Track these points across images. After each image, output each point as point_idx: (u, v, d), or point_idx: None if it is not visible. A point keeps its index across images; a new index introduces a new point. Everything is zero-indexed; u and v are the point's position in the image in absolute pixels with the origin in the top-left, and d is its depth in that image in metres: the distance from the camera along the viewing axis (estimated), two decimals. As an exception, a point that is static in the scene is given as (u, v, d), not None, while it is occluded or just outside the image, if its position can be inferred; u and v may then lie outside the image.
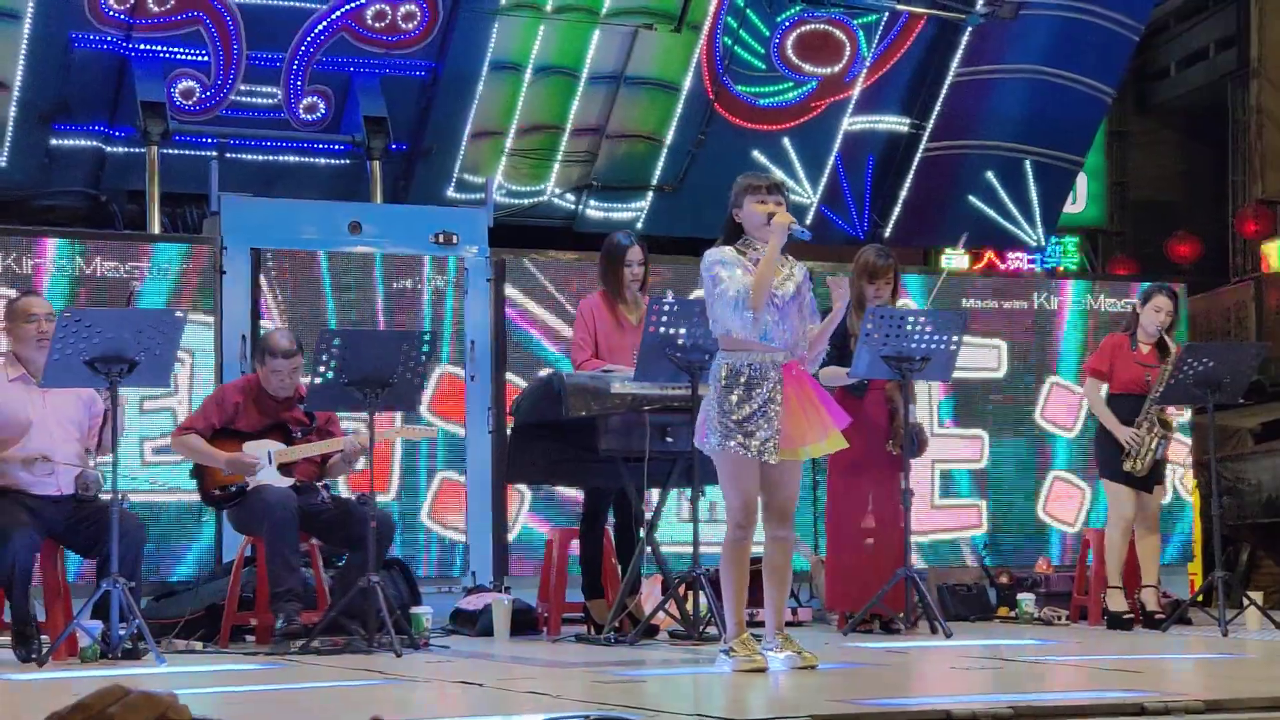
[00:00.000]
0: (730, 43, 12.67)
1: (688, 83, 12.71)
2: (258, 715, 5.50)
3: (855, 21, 12.98)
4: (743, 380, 6.20)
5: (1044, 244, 14.42)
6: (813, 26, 12.88)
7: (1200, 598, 9.19)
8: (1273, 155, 16.14)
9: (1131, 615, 8.75)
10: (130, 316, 7.11)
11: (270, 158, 11.82)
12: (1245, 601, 8.68)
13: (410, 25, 11.92)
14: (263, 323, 9.12)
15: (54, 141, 11.60)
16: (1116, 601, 8.76)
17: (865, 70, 13.09)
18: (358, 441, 7.83)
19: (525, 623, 8.45)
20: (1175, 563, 10.62)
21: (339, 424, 8.10)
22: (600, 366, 7.92)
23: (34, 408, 7.25)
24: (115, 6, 11.25)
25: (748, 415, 6.18)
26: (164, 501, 8.94)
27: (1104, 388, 8.96)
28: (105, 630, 6.90)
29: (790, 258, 6.40)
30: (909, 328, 7.99)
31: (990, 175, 13.76)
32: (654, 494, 7.99)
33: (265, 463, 7.77)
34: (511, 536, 9.57)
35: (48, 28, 11.17)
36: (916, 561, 9.05)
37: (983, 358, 10.54)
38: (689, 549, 7.64)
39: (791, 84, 12.99)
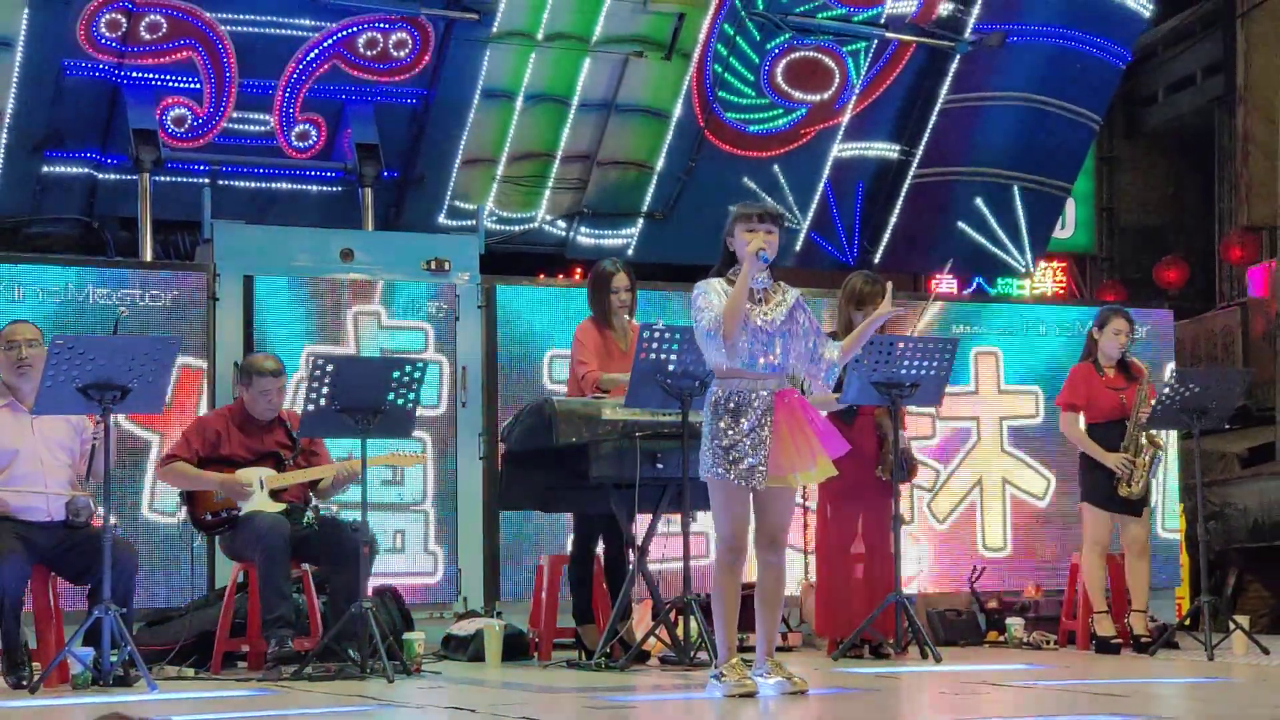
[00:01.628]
0: (720, 70, 12.74)
1: (678, 110, 12.77)
2: (250, 741, 5.51)
3: (844, 49, 13.05)
4: (730, 407, 6.26)
5: (1032, 270, 14.47)
6: (802, 54, 12.96)
7: (1188, 622, 9.22)
8: (1258, 182, 16.21)
9: (1119, 640, 8.79)
10: (123, 343, 7.11)
11: (262, 185, 11.86)
12: (1232, 626, 8.71)
13: (402, 53, 11.97)
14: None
15: (46, 169, 11.64)
16: (1104, 626, 8.79)
17: (855, 97, 13.17)
18: (350, 469, 7.87)
19: (517, 648, 8.47)
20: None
21: (323, 443, 8.13)
22: (601, 375, 7.99)
23: (21, 434, 7.26)
24: (107, 34, 11.29)
25: (735, 442, 6.23)
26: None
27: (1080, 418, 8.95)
28: (97, 657, 6.90)
29: (782, 284, 6.45)
30: (899, 354, 8.04)
31: (979, 201, 13.82)
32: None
33: (257, 488, 7.81)
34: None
35: (40, 55, 11.21)
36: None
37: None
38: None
39: (781, 111, 13.06)
